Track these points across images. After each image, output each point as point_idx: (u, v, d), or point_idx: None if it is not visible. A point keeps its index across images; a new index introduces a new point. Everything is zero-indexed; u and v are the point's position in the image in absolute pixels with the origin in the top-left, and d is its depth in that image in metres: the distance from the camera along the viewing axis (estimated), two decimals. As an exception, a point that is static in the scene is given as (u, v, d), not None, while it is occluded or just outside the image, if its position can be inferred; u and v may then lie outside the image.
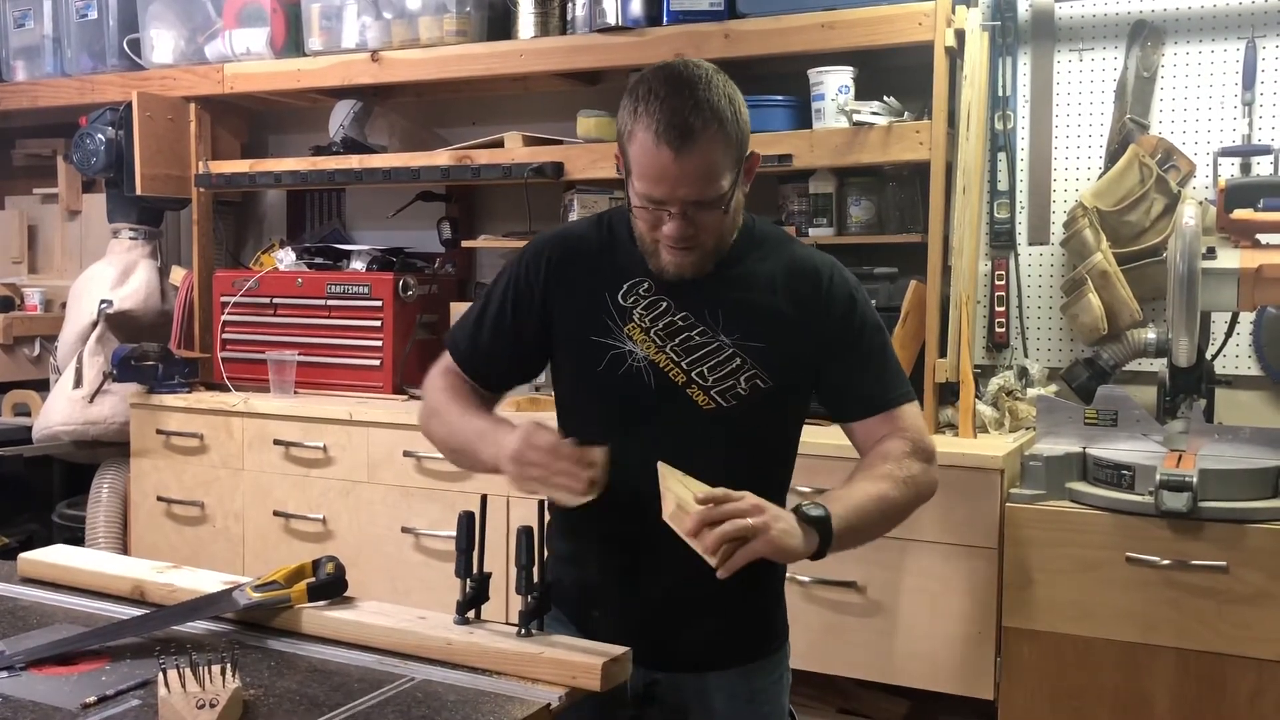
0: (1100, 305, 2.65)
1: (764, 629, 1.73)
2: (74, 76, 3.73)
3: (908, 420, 1.66)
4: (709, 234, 1.55)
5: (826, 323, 1.62)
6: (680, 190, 1.49)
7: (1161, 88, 2.75)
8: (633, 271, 1.63)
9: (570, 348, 1.69)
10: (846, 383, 1.65)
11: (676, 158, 1.47)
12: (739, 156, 1.53)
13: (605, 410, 1.67)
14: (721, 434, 1.61)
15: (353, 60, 3.26)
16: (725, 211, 1.53)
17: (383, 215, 3.62)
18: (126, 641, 1.52)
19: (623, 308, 1.63)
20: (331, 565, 1.63)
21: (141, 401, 3.35)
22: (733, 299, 1.61)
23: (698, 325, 1.61)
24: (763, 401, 1.61)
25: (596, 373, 1.64)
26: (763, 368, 1.60)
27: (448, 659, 1.46)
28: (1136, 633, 2.24)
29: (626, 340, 1.62)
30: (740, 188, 1.56)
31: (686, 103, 1.48)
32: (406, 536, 2.95)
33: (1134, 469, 2.28)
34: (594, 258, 1.68)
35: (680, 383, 1.61)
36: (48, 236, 4.20)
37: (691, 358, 1.60)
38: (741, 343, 1.60)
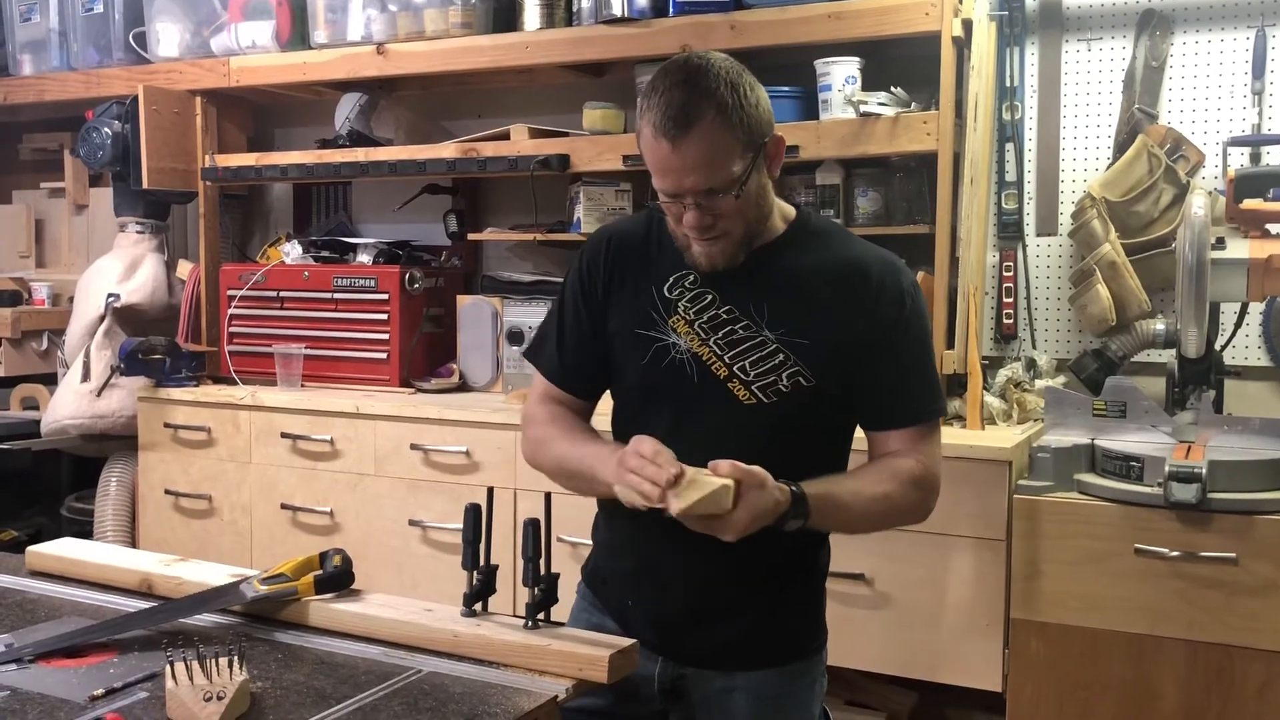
0: (1109, 296, 2.64)
1: (797, 631, 1.70)
2: (80, 70, 3.74)
3: (927, 444, 1.63)
4: (731, 222, 1.54)
5: (870, 322, 1.59)
6: (686, 180, 1.50)
7: (1170, 77, 2.74)
8: (679, 264, 1.63)
9: (619, 340, 1.69)
10: (875, 389, 1.62)
11: (674, 148, 1.48)
12: (749, 142, 1.51)
13: (649, 402, 1.67)
14: (761, 429, 1.59)
15: (358, 53, 3.26)
16: (739, 197, 1.52)
17: (389, 208, 3.62)
18: (134, 634, 1.52)
19: (668, 300, 1.63)
20: (338, 558, 1.63)
21: (149, 395, 3.36)
22: (779, 294, 1.60)
23: (742, 319, 1.60)
24: (805, 399, 1.59)
25: (641, 365, 1.65)
26: (806, 365, 1.58)
27: (455, 651, 1.47)
28: (1145, 624, 2.23)
29: (671, 333, 1.63)
30: (759, 173, 1.54)
31: (683, 94, 1.49)
32: (413, 529, 2.95)
33: (1143, 460, 2.27)
34: (643, 250, 1.68)
35: (722, 376, 1.60)
36: (55, 231, 4.21)
37: (734, 351, 1.60)
38: (786, 339, 1.58)
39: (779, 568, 1.64)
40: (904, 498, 1.59)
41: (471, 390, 3.25)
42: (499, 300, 3.21)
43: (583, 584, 1.78)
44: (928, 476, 1.62)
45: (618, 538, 1.73)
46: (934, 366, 1.68)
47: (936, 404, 1.66)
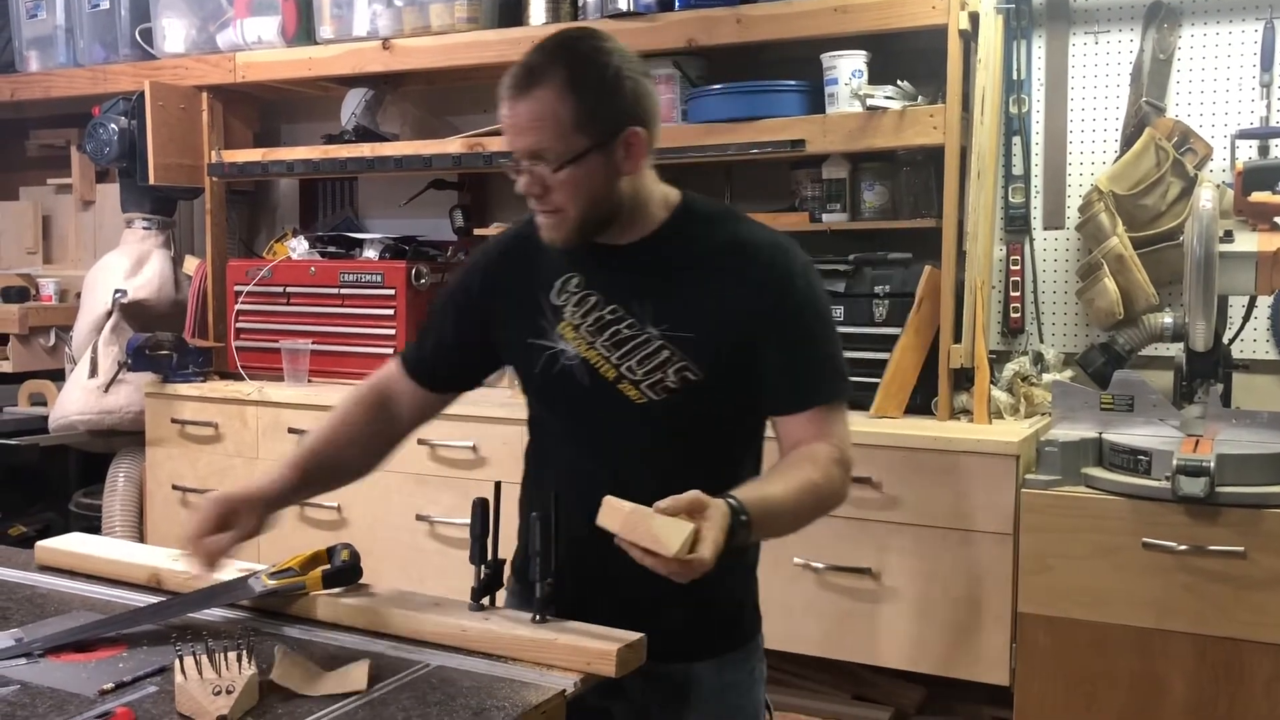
0: (1116, 290, 2.63)
1: (734, 620, 1.69)
2: (87, 66, 3.74)
3: (835, 425, 1.57)
4: (562, 198, 1.51)
5: (758, 307, 1.54)
6: (518, 140, 1.49)
7: (1178, 70, 2.73)
8: (562, 268, 1.61)
9: (513, 354, 1.69)
10: (774, 371, 1.56)
11: (511, 105, 1.48)
12: (592, 123, 1.47)
13: (546, 409, 1.68)
14: (654, 429, 1.57)
15: (364, 48, 3.26)
16: (559, 173, 1.48)
17: (395, 203, 3.62)
18: (143, 629, 1.52)
19: (555, 307, 1.61)
20: (346, 552, 1.63)
21: (156, 391, 3.36)
22: (661, 288, 1.57)
23: (626, 318, 1.57)
24: (695, 394, 1.55)
25: (534, 374, 1.64)
26: (692, 359, 1.54)
27: (463, 646, 1.46)
28: (1153, 618, 2.23)
29: (559, 340, 1.61)
30: (604, 160, 1.50)
31: (539, 57, 1.48)
32: (421, 524, 2.96)
33: (1150, 454, 2.27)
34: (526, 259, 1.66)
35: (611, 378, 1.57)
36: (62, 227, 4.22)
37: (620, 352, 1.57)
38: (670, 334, 1.55)
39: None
40: (829, 482, 1.53)
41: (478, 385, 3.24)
42: (505, 295, 3.20)
43: (511, 577, 1.73)
44: (844, 458, 1.56)
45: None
46: (836, 347, 1.60)
47: (839, 384, 1.60)
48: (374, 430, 1.75)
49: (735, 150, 2.80)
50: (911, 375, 2.66)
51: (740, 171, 3.14)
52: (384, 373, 1.80)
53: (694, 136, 2.84)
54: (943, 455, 2.43)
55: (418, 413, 1.78)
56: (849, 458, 1.58)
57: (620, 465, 1.55)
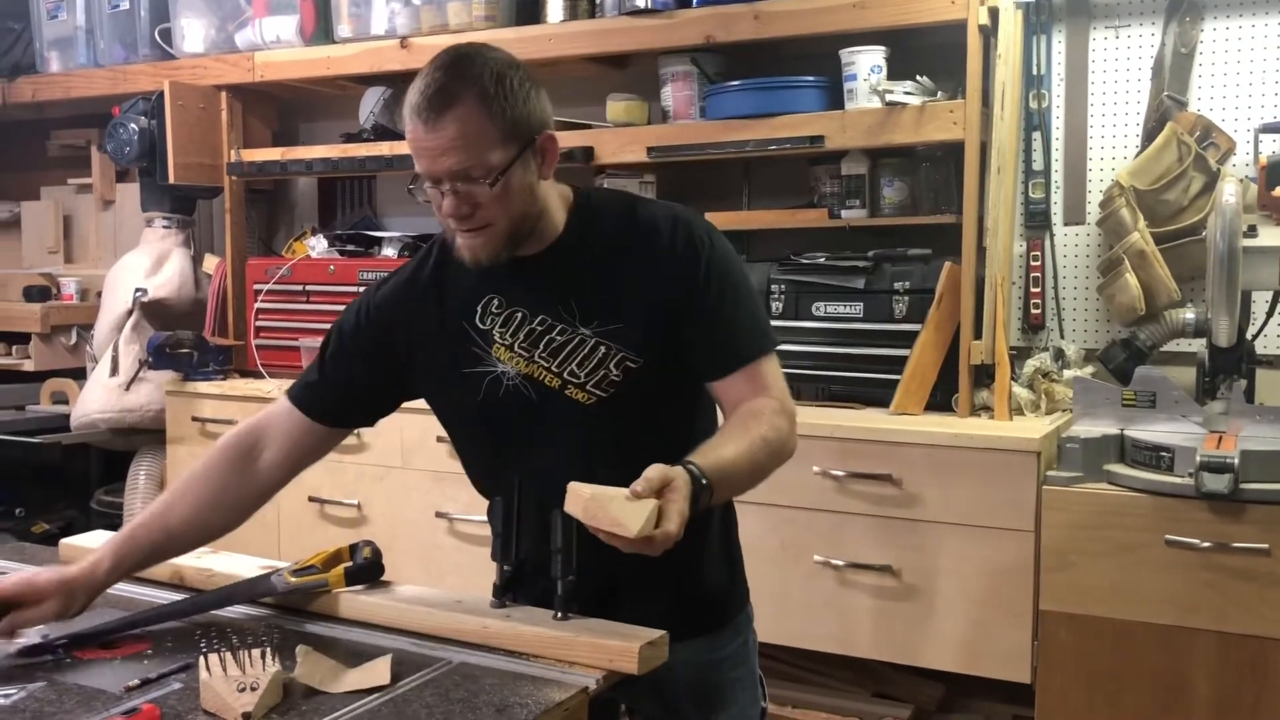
0: (1138, 285, 2.61)
1: (720, 597, 1.70)
2: (106, 67, 3.77)
3: (770, 379, 1.58)
4: (490, 213, 1.50)
5: (673, 278, 1.56)
6: (441, 163, 1.47)
7: (1200, 64, 2.71)
8: (481, 291, 1.61)
9: (443, 388, 1.67)
10: (698, 339, 1.57)
11: (429, 130, 1.46)
12: (511, 133, 1.48)
13: (496, 435, 1.65)
14: (611, 424, 1.57)
15: (382, 47, 3.27)
16: (494, 187, 1.47)
17: (413, 202, 3.53)
18: (168, 626, 1.53)
19: (483, 331, 1.61)
20: (368, 550, 1.63)
21: (177, 389, 3.38)
22: (581, 286, 1.58)
23: (556, 324, 1.58)
24: (640, 380, 1.56)
25: (479, 403, 1.62)
26: (628, 348, 1.56)
27: (485, 643, 1.47)
28: (1176, 616, 2.22)
29: (497, 363, 1.60)
30: (524, 169, 1.50)
31: (444, 77, 1.46)
32: (440, 521, 2.96)
33: (1173, 450, 2.25)
34: (435, 295, 1.65)
35: (556, 387, 1.58)
36: (83, 226, 4.24)
37: (559, 359, 1.58)
38: (600, 329, 1.56)
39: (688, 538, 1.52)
40: (777, 433, 1.53)
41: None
42: (523, 293, 3.19)
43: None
44: (785, 407, 1.57)
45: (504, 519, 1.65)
46: (754, 303, 1.62)
47: (764, 339, 1.61)
48: (231, 494, 1.67)
49: (753, 147, 2.79)
50: (931, 372, 2.66)
51: (758, 168, 3.13)
52: (254, 421, 1.73)
53: (712, 133, 2.84)
54: (963, 452, 2.42)
55: (295, 455, 1.72)
56: (791, 408, 1.59)
57: (585, 467, 1.48)
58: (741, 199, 3.15)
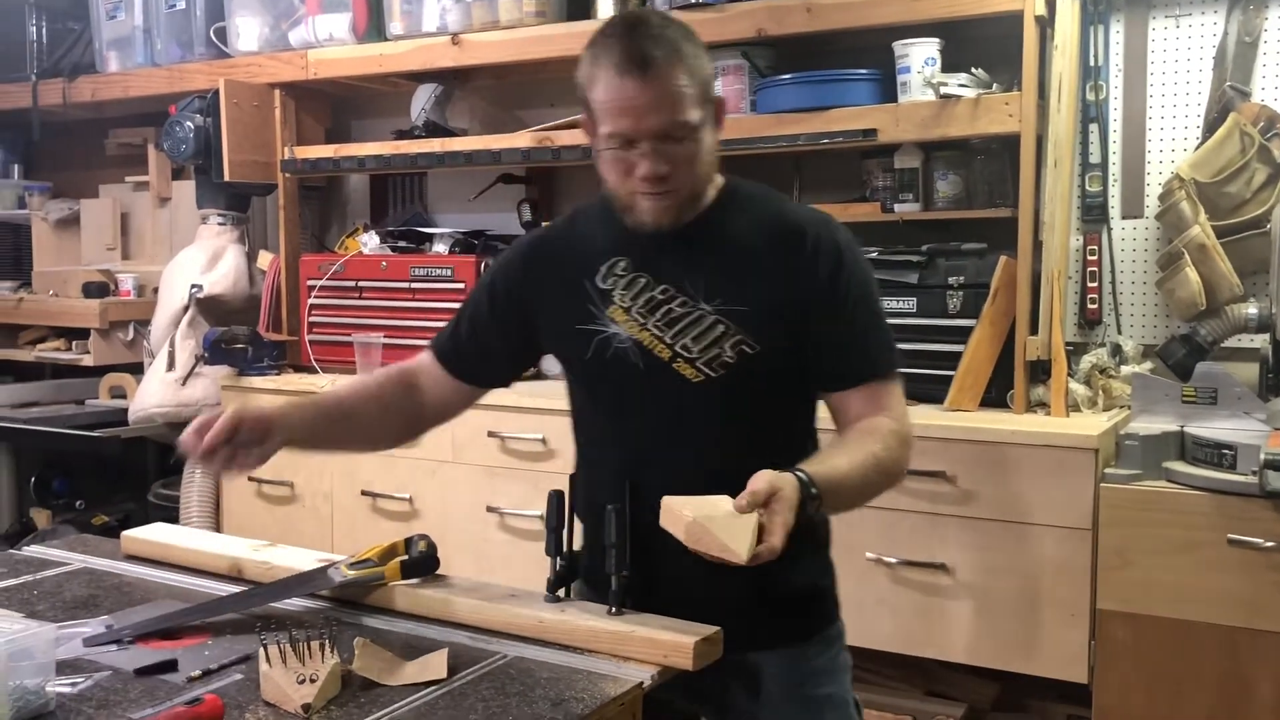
0: (1198, 280, 2.56)
1: (810, 607, 1.67)
2: (163, 66, 3.81)
3: (892, 400, 1.59)
4: (682, 175, 1.52)
5: (810, 282, 1.56)
6: (648, 120, 1.48)
7: (1264, 53, 2.65)
8: (609, 252, 1.62)
9: (559, 343, 1.70)
10: (826, 346, 1.58)
11: (641, 85, 1.47)
12: (704, 94, 1.52)
13: (600, 397, 1.67)
14: (714, 406, 1.57)
15: (433, 44, 3.28)
16: (695, 145, 1.51)
17: (464, 198, 3.64)
18: (227, 617, 1.55)
19: (603, 291, 1.62)
20: (424, 543, 1.65)
21: (232, 383, 3.42)
22: (712, 264, 1.58)
23: (678, 296, 1.57)
24: (753, 367, 1.55)
25: (585, 361, 1.64)
26: (747, 331, 1.55)
27: (539, 637, 1.48)
28: (1239, 617, 2.18)
29: (610, 323, 1.61)
30: (711, 129, 1.55)
31: (644, 36, 1.50)
32: (491, 515, 2.98)
33: (1235, 448, 2.21)
34: (568, 249, 1.69)
35: (666, 358, 1.57)
36: (140, 223, 4.29)
37: (674, 330, 1.57)
38: (724, 308, 1.56)
39: None
40: (890, 454, 1.53)
41: (546, 378, 3.24)
42: (574, 288, 3.20)
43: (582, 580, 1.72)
44: (903, 430, 1.57)
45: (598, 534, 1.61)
46: (882, 321, 1.62)
47: (890, 357, 1.61)
48: (397, 404, 1.76)
49: (805, 140, 2.78)
50: (986, 368, 2.62)
51: (809, 162, 3.11)
52: (414, 361, 1.82)
53: (763, 127, 2.82)
54: (1019, 449, 2.39)
55: (443, 403, 1.80)
56: (908, 431, 1.59)
57: (680, 446, 1.56)
58: (793, 193, 3.13)
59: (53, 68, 4.08)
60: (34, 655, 1.25)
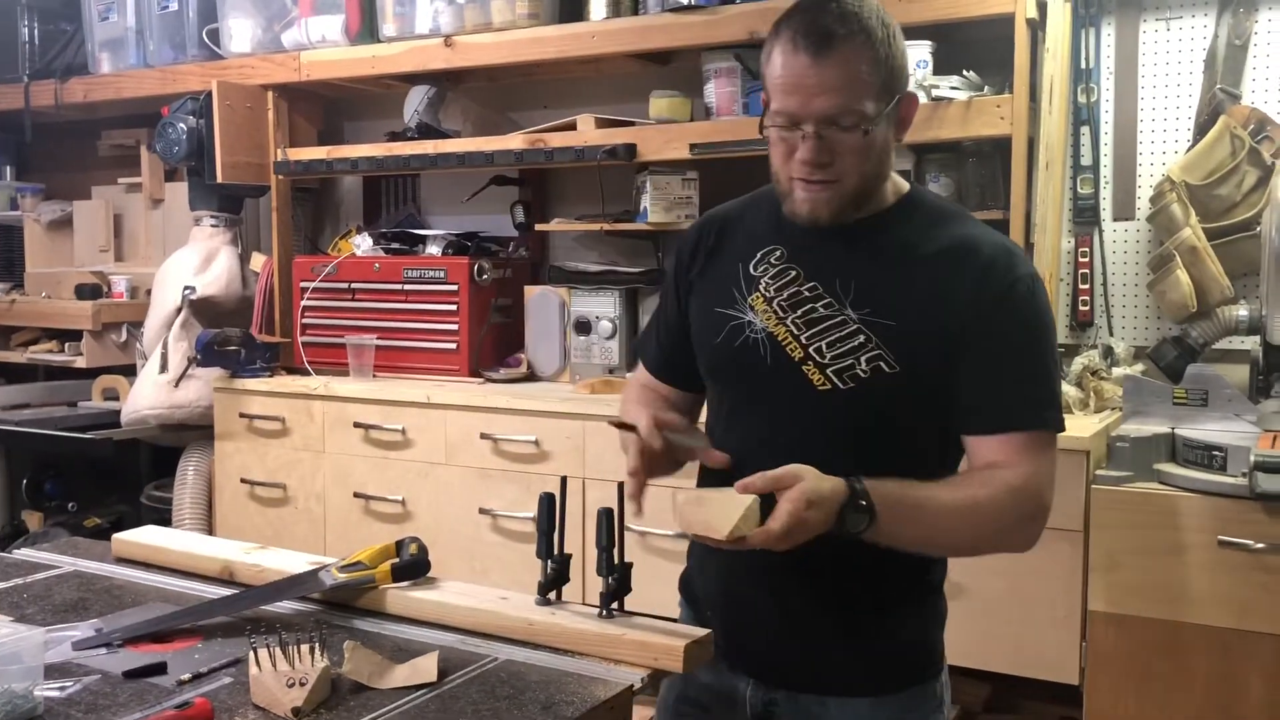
0: (1189, 282, 2.57)
1: (904, 657, 1.53)
2: (156, 67, 3.80)
3: (1035, 459, 1.40)
4: (846, 166, 1.40)
5: (969, 308, 1.40)
6: (816, 101, 1.37)
7: (1254, 55, 2.65)
8: (768, 239, 1.53)
9: (698, 320, 1.59)
10: (975, 382, 1.41)
11: (814, 62, 1.36)
12: (888, 85, 1.40)
13: (719, 385, 1.58)
14: (835, 420, 1.44)
15: (426, 46, 3.28)
16: (866, 138, 1.38)
17: (457, 200, 3.64)
18: (218, 620, 1.55)
19: (752, 277, 1.52)
20: (415, 546, 1.64)
21: (224, 385, 3.41)
22: (871, 270, 1.45)
23: (824, 296, 1.46)
24: (887, 388, 1.41)
25: (714, 345, 1.54)
26: (889, 348, 1.41)
27: (530, 639, 1.47)
28: (1230, 618, 2.18)
29: (748, 310, 1.51)
30: (889, 126, 1.42)
31: (829, 11, 1.38)
32: (484, 517, 2.97)
33: (1226, 450, 2.21)
34: (738, 229, 1.59)
35: (797, 358, 1.46)
36: (132, 225, 4.29)
37: (812, 331, 1.45)
38: (869, 318, 1.43)
39: (881, 586, 1.49)
40: (996, 508, 1.37)
41: (539, 380, 3.26)
42: (566, 290, 3.21)
43: (681, 595, 1.70)
44: (1029, 488, 1.39)
45: (701, 546, 1.56)
46: (1050, 370, 1.44)
47: (1047, 412, 1.43)
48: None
49: (797, 143, 2.77)
50: (978, 369, 2.62)
51: (802, 164, 3.10)
52: (638, 374, 1.73)
53: (755, 130, 2.79)
54: (1010, 451, 2.38)
55: (689, 410, 1.66)
56: (1037, 491, 1.40)
57: (788, 455, 1.35)
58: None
59: (45, 69, 4.07)
60: (22, 659, 1.25)
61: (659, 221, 3.03)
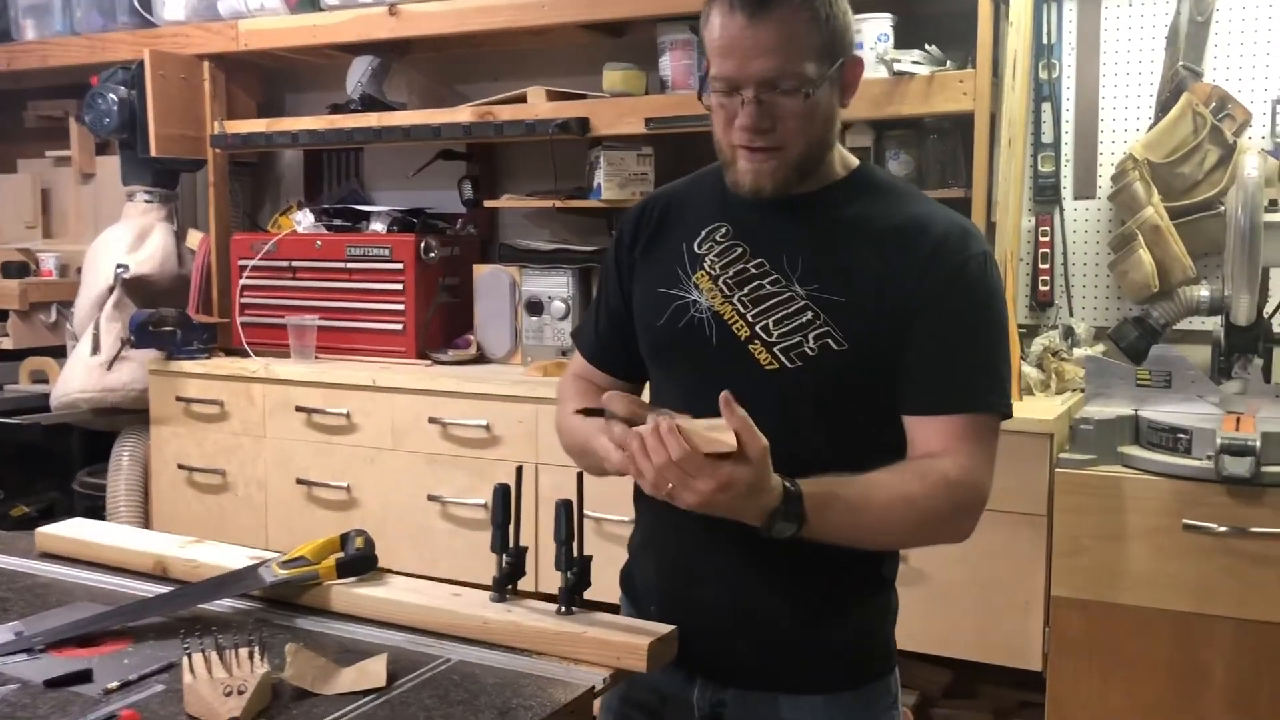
0: (1151, 262, 2.54)
1: (857, 653, 1.50)
2: (84, 35, 3.66)
3: (975, 444, 1.36)
4: (789, 132, 1.35)
5: (919, 286, 1.37)
6: (754, 64, 1.32)
7: (1216, 33, 2.63)
8: (713, 216, 1.48)
9: (641, 303, 1.53)
10: (914, 362, 1.38)
11: (750, 23, 1.31)
12: (829, 47, 1.35)
13: (662, 368, 1.53)
14: (784, 398, 1.39)
15: (369, 14, 3.17)
16: (807, 101, 1.34)
17: (402, 175, 3.55)
18: (150, 621, 1.46)
19: (696, 255, 1.47)
20: (361, 540, 1.56)
21: (160, 368, 3.30)
22: (819, 246, 1.41)
23: (771, 273, 1.41)
24: (836, 366, 1.38)
25: (658, 327, 1.49)
26: (837, 325, 1.37)
27: (484, 639, 1.40)
28: (1193, 602, 2.16)
29: (693, 289, 1.46)
30: (831, 90, 1.37)
31: None
32: (433, 505, 2.89)
33: (1191, 432, 2.19)
34: (679, 206, 1.53)
35: (743, 337, 1.41)
36: (62, 200, 4.14)
37: (758, 309, 1.41)
38: (817, 294, 1.38)
39: (834, 581, 1.45)
40: (931, 503, 1.34)
41: (490, 362, 3.18)
42: (517, 269, 3.13)
43: (621, 591, 1.63)
44: (966, 481, 1.35)
45: (644, 532, 1.57)
46: (997, 352, 1.41)
47: (992, 396, 1.39)
48: None
49: (755, 118, 2.70)
50: (938, 351, 2.58)
51: (759, 141, 3.04)
52: (574, 365, 1.65)
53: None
54: (973, 433, 2.35)
55: None
56: (973, 485, 1.36)
57: None
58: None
59: (-36, 35, 3.89)
60: (-69, 670, 1.15)
61: (613, 199, 2.96)
